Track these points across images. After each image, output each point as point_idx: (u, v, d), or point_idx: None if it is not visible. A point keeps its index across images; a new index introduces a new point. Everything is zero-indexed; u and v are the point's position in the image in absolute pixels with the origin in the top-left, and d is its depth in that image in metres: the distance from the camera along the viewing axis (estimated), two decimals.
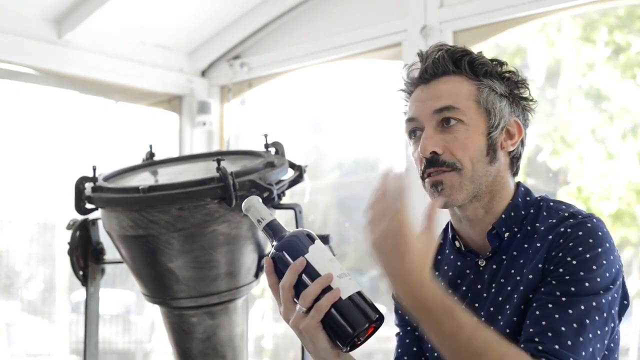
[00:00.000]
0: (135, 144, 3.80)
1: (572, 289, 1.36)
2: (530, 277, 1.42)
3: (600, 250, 1.39)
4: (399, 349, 1.61)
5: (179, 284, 2.35)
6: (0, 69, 3.54)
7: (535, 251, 1.44)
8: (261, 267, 2.44)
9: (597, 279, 1.37)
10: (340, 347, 1.34)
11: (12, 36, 3.46)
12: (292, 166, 2.51)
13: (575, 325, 1.34)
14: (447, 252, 1.59)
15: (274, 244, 1.39)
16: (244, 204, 1.42)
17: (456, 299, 1.52)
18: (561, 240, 1.41)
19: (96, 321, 2.72)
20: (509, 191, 1.52)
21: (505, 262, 1.48)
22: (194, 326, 2.42)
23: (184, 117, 4.17)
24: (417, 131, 1.51)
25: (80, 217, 2.59)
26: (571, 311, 1.35)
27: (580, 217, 1.44)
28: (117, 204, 2.34)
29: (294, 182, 2.49)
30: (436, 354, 1.52)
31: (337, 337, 1.33)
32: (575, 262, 1.38)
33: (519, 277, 1.45)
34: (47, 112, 3.85)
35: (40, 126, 3.83)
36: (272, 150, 2.53)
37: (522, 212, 1.51)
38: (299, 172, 2.50)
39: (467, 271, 1.53)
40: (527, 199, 1.53)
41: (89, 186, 2.43)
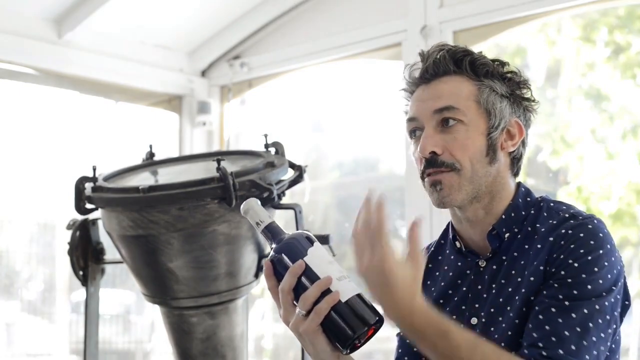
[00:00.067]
0: (135, 144, 3.80)
1: (574, 292, 1.36)
2: (531, 279, 1.42)
3: (601, 252, 1.39)
4: (400, 349, 1.61)
5: (179, 284, 2.35)
6: (0, 69, 3.54)
7: (535, 252, 1.44)
8: (261, 267, 2.44)
9: (599, 281, 1.37)
10: (340, 350, 1.34)
11: (12, 36, 3.46)
12: (292, 166, 2.51)
13: (578, 329, 1.34)
14: (448, 252, 1.59)
15: (273, 246, 1.38)
16: (242, 207, 1.42)
17: (454, 300, 1.53)
18: (562, 242, 1.41)
19: (96, 321, 2.72)
20: (509, 192, 1.52)
21: (505, 263, 1.48)
22: (194, 326, 2.42)
23: (184, 117, 4.17)
24: (418, 131, 1.52)
25: (80, 217, 2.59)
26: (574, 315, 1.35)
27: (581, 218, 1.44)
28: (117, 204, 2.34)
29: (294, 182, 2.49)
30: None
31: (337, 340, 1.33)
32: (577, 265, 1.38)
33: (519, 279, 1.44)
34: (47, 112, 3.84)
35: (40, 126, 3.83)
36: (272, 150, 2.53)
37: (523, 212, 1.51)
38: (299, 172, 2.50)
39: (468, 272, 1.53)
40: (528, 199, 1.53)
41: (89, 186, 2.43)
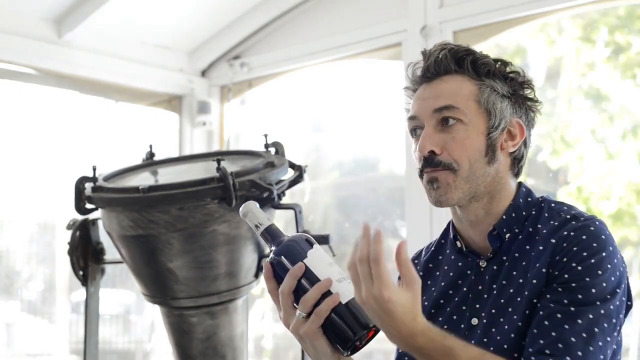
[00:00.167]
0: (135, 144, 3.80)
1: (579, 297, 1.36)
2: (534, 281, 1.42)
3: (604, 254, 1.39)
4: (399, 349, 1.61)
5: (179, 284, 2.35)
6: (0, 69, 3.54)
7: (537, 254, 1.44)
8: (261, 267, 2.44)
9: (603, 284, 1.37)
10: (341, 351, 1.34)
11: (12, 36, 3.46)
12: (292, 166, 2.51)
13: (584, 334, 1.34)
14: (448, 252, 1.59)
15: (273, 249, 1.38)
16: (241, 209, 1.41)
17: (454, 300, 1.52)
18: (565, 244, 1.41)
19: (96, 321, 2.72)
20: (509, 192, 1.52)
21: (506, 264, 1.48)
22: (194, 326, 2.42)
23: (184, 117, 4.17)
24: (418, 129, 1.51)
25: (80, 217, 2.59)
26: (580, 321, 1.35)
27: (582, 219, 1.44)
28: (117, 204, 2.34)
29: (294, 182, 2.49)
30: None
31: (338, 342, 1.33)
32: (580, 268, 1.38)
33: (521, 280, 1.44)
34: (47, 112, 3.84)
35: (40, 126, 3.83)
36: (272, 150, 2.53)
37: (524, 213, 1.50)
38: (299, 172, 2.50)
39: (468, 272, 1.53)
40: (529, 199, 1.52)
41: (89, 186, 2.43)
